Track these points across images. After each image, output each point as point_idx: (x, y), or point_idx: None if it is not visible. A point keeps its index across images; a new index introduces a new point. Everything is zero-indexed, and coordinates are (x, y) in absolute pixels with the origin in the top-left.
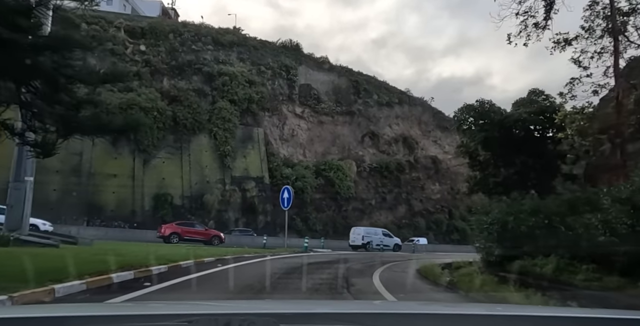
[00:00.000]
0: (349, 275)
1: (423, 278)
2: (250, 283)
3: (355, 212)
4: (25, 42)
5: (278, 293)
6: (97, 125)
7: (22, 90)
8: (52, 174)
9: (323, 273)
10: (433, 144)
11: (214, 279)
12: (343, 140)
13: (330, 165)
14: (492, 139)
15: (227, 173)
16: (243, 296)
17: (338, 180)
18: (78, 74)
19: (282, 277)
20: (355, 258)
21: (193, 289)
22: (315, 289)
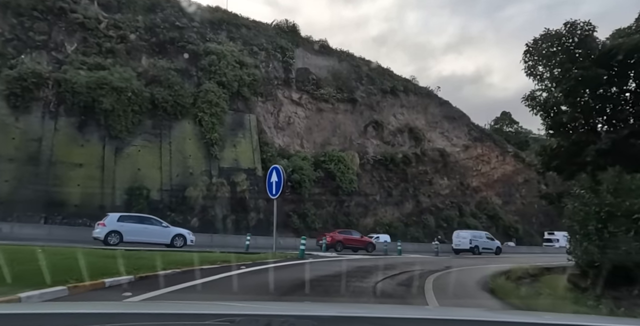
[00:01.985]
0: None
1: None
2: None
3: (359, 207)
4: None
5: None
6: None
7: None
8: (3, 162)
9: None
10: (440, 136)
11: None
12: (344, 129)
13: (330, 156)
14: (591, 80)
15: (214, 164)
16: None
17: (339, 173)
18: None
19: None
20: (380, 265)
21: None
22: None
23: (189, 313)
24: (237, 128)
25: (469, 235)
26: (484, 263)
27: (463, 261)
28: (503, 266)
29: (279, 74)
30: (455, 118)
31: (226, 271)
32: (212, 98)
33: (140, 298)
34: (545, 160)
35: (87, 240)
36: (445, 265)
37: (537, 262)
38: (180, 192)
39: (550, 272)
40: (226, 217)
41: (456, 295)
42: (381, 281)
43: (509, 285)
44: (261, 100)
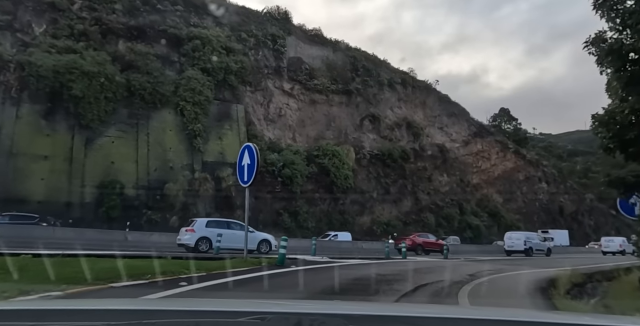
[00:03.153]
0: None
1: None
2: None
3: (354, 205)
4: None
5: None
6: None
7: None
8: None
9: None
10: (439, 131)
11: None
12: (339, 123)
13: (324, 150)
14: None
15: (197, 157)
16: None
17: (334, 168)
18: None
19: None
20: (384, 275)
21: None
22: None
23: (222, 310)
24: (223, 119)
25: (523, 236)
26: (511, 270)
27: (480, 266)
28: (536, 272)
29: (269, 62)
30: (455, 113)
31: (144, 292)
32: (196, 86)
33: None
34: (615, 131)
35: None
36: (468, 274)
37: (564, 265)
38: (158, 188)
39: (606, 277)
40: (210, 215)
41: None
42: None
43: (578, 306)
44: (250, 90)
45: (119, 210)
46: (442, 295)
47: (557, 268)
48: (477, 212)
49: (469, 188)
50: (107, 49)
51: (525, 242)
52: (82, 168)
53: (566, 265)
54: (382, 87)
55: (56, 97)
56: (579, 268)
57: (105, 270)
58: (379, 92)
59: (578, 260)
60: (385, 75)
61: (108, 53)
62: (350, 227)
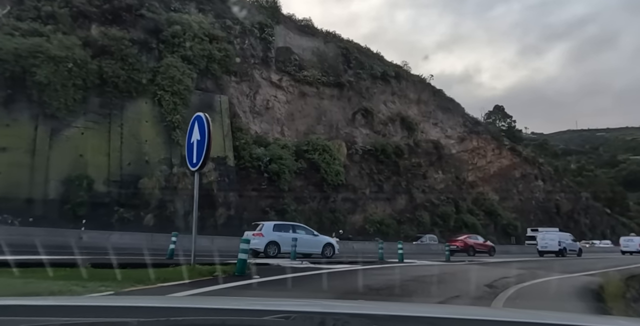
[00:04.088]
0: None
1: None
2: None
3: (346, 203)
4: None
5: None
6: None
7: None
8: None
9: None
10: (434, 127)
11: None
12: (330, 117)
13: (314, 145)
14: None
15: (176, 151)
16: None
17: (324, 164)
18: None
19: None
20: (381, 287)
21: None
22: None
23: (247, 309)
24: (205, 110)
25: (557, 236)
26: (533, 276)
27: (492, 272)
28: (569, 279)
29: (256, 52)
30: (450, 108)
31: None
32: (175, 75)
33: None
34: None
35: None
36: (484, 284)
37: (594, 267)
38: (132, 183)
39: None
40: (188, 214)
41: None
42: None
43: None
44: (235, 80)
45: (87, 207)
46: None
47: (591, 272)
48: (474, 210)
49: (465, 186)
50: (78, 33)
51: (560, 242)
52: (46, 161)
53: (597, 267)
54: (376, 80)
55: (17, 83)
56: (618, 270)
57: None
58: (372, 85)
59: (601, 261)
60: (378, 69)
61: (79, 37)
62: (342, 226)
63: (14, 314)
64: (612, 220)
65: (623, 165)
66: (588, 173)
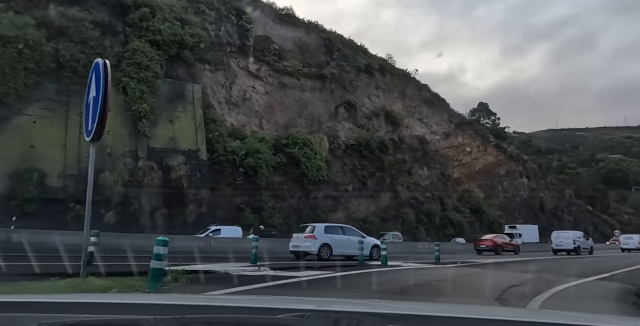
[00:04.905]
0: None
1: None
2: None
3: (328, 200)
4: None
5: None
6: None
7: None
8: None
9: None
10: (419, 123)
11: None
12: (312, 110)
13: (295, 139)
14: None
15: (142, 143)
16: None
17: (305, 159)
18: None
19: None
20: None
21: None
22: None
23: (262, 307)
24: (176, 100)
25: (572, 235)
26: (546, 284)
27: (495, 277)
28: (597, 285)
29: (233, 40)
30: (435, 104)
31: None
32: (142, 61)
33: None
34: None
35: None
36: (494, 298)
37: (607, 268)
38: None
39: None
40: (156, 211)
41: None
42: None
43: None
44: (209, 69)
45: (40, 203)
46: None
47: (609, 273)
48: (459, 207)
49: (450, 183)
50: (35, 13)
51: (575, 240)
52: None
53: (612, 268)
54: (360, 73)
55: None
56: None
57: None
58: (355, 78)
59: (610, 260)
60: (362, 61)
61: (34, 17)
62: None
63: (32, 311)
64: (594, 218)
65: (602, 164)
66: (570, 171)
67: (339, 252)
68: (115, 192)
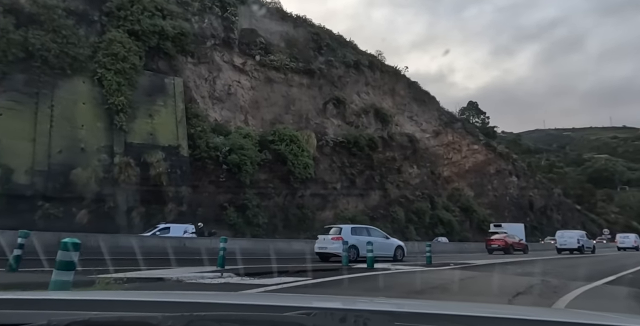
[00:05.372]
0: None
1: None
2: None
3: (315, 198)
4: None
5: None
6: None
7: None
8: None
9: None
10: (409, 120)
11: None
12: (300, 106)
13: (281, 135)
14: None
15: (119, 138)
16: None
17: (291, 156)
18: None
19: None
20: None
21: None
22: None
23: (268, 304)
24: (156, 93)
25: (576, 234)
26: (555, 291)
27: (499, 281)
28: (614, 290)
29: (217, 32)
30: (425, 101)
31: None
32: (120, 51)
33: None
34: None
35: None
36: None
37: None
38: (62, 174)
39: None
40: (132, 210)
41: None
42: None
43: None
44: (192, 62)
45: (3, 201)
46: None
47: (614, 276)
48: (449, 206)
49: (440, 181)
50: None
51: (579, 240)
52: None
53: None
54: (349, 69)
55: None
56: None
57: None
58: (344, 74)
59: (612, 259)
60: (351, 57)
61: (1, 3)
62: (310, 223)
63: (42, 308)
64: (582, 216)
65: (588, 164)
66: (558, 170)
67: (365, 253)
68: (88, 189)
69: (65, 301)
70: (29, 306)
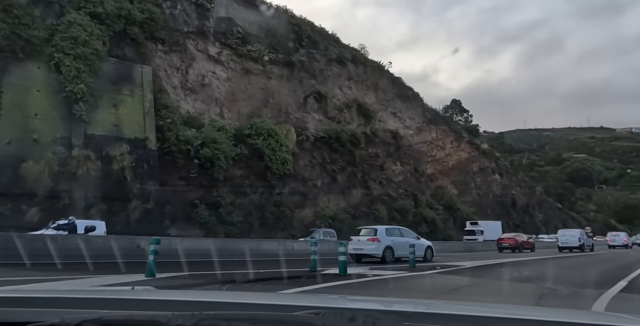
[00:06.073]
0: None
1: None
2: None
3: (294, 196)
4: None
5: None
6: None
7: None
8: None
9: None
10: (392, 117)
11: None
12: (279, 99)
13: (258, 128)
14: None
15: (78, 128)
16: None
17: (269, 150)
18: None
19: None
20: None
21: None
22: None
23: (277, 304)
24: (121, 81)
25: (577, 233)
26: (566, 299)
27: (513, 292)
28: None
29: (190, 19)
30: (409, 97)
31: None
32: (80, 35)
33: None
34: None
35: None
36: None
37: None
38: (11, 167)
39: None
40: (91, 207)
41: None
42: None
43: None
44: (163, 50)
45: None
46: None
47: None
48: (432, 204)
49: (424, 179)
50: None
51: (580, 238)
52: None
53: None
54: (331, 62)
55: None
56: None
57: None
58: (326, 67)
59: (612, 258)
60: (334, 50)
61: None
62: (288, 222)
63: (55, 306)
64: (563, 215)
65: (567, 163)
66: (540, 169)
67: (399, 254)
68: (40, 184)
69: (77, 300)
70: (42, 305)
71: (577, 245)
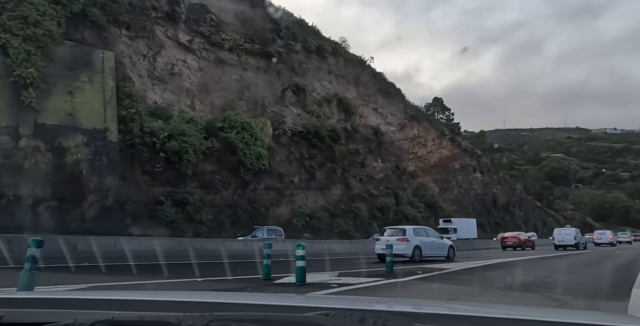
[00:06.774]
0: None
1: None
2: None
3: (269, 192)
4: None
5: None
6: None
7: None
8: None
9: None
10: (374, 113)
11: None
12: (255, 92)
13: (232, 121)
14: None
15: (27, 117)
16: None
17: (243, 145)
18: None
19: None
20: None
21: None
22: None
23: (287, 305)
24: (79, 67)
25: (573, 232)
26: None
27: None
28: None
29: (159, 4)
30: (390, 93)
31: None
32: (30, 14)
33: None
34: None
35: None
36: None
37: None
38: None
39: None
40: (39, 204)
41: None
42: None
43: None
44: (128, 35)
45: None
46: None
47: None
48: (414, 201)
49: (405, 176)
50: None
51: (575, 237)
52: None
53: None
54: (310, 54)
55: None
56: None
57: None
58: (305, 60)
59: (605, 257)
60: (313, 42)
61: None
62: (263, 220)
63: (67, 307)
64: (542, 213)
65: (545, 162)
66: (519, 168)
67: (427, 254)
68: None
69: (89, 301)
70: (55, 305)
71: (572, 243)
